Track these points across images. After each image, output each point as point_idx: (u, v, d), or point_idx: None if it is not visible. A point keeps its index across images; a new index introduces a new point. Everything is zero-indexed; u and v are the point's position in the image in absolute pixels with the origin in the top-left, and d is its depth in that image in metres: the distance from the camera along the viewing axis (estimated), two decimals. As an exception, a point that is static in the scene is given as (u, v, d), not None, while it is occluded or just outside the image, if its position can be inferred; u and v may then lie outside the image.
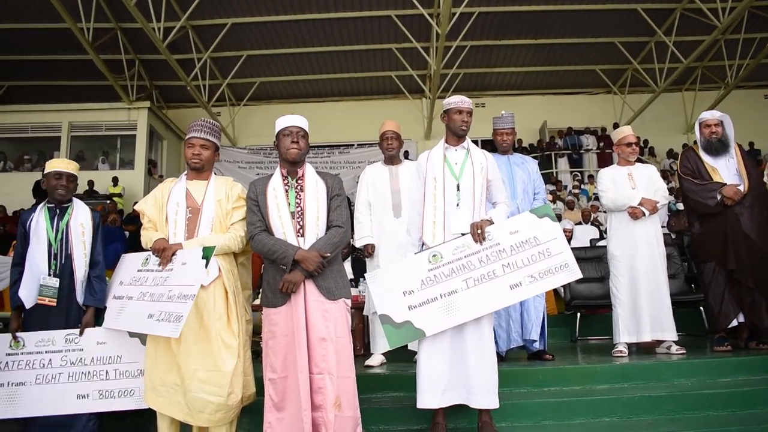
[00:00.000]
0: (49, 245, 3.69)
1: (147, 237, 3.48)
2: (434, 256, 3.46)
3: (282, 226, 3.24)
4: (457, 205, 3.52)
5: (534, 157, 5.39)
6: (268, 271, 3.32)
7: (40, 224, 3.72)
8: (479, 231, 3.43)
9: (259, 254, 3.34)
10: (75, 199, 3.90)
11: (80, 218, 3.81)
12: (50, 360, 3.56)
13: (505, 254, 3.45)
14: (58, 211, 3.80)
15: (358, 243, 4.97)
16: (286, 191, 3.32)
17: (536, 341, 4.80)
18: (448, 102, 3.68)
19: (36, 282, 3.61)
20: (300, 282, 3.16)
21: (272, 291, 3.25)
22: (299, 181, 3.37)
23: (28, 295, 3.60)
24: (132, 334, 3.60)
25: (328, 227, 3.32)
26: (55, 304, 3.63)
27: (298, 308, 3.16)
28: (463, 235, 3.49)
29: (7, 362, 3.53)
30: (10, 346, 3.55)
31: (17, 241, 3.79)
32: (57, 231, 3.74)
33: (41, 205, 3.83)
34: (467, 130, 3.65)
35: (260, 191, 3.34)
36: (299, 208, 3.29)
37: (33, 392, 3.51)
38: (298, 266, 3.16)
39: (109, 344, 3.62)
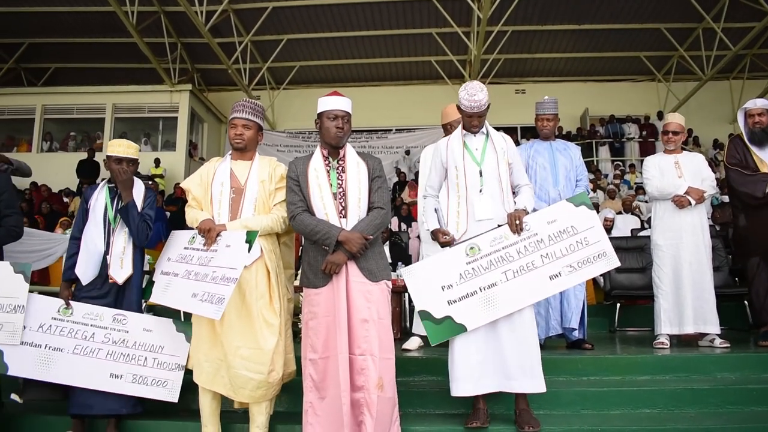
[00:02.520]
0: (108, 224, 3.73)
1: (192, 216, 3.51)
2: (471, 248, 3.41)
3: (324, 207, 3.24)
4: (480, 191, 3.47)
5: (576, 145, 5.28)
6: (309, 251, 3.33)
7: (99, 203, 3.77)
8: (517, 221, 3.39)
9: (299, 234, 3.35)
10: (137, 180, 3.92)
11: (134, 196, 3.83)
12: (93, 334, 3.62)
13: (543, 244, 3.41)
14: (118, 191, 3.82)
15: (427, 227, 4.86)
16: (328, 172, 3.31)
17: (576, 330, 4.75)
18: (461, 99, 3.50)
19: (92, 259, 3.65)
20: (343, 263, 3.17)
21: (313, 272, 3.25)
22: (340, 162, 3.35)
23: (84, 272, 3.64)
24: (179, 329, 3.67)
25: (369, 209, 3.31)
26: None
27: (339, 289, 3.16)
28: (499, 226, 3.44)
29: (50, 325, 3.60)
30: (59, 311, 3.61)
31: (78, 215, 3.84)
32: (116, 211, 3.77)
33: (103, 183, 3.88)
34: (477, 131, 3.58)
35: (301, 171, 3.33)
36: (341, 189, 3.28)
37: (68, 360, 3.57)
38: (341, 247, 3.15)
39: (154, 333, 3.69)
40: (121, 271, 3.73)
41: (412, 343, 4.88)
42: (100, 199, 3.79)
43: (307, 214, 3.27)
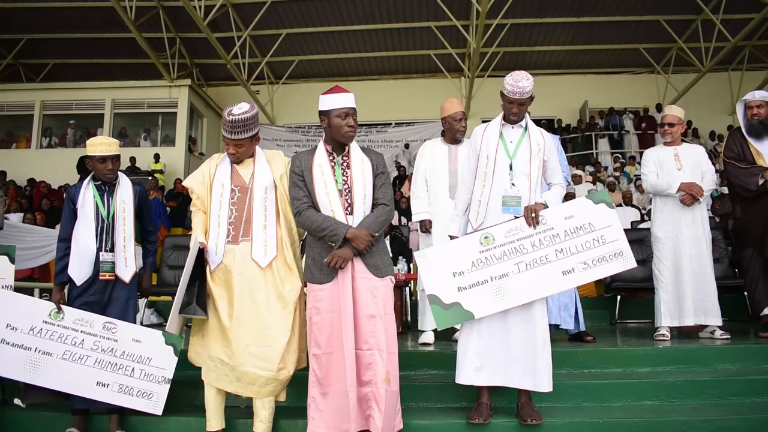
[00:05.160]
0: (101, 221, 3.71)
1: (195, 223, 3.51)
2: (486, 237, 3.41)
3: (330, 204, 3.23)
4: (513, 184, 3.45)
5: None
6: (313, 247, 3.31)
7: (87, 200, 3.73)
8: (533, 215, 3.37)
9: (305, 230, 3.34)
10: (120, 175, 3.89)
11: (124, 194, 3.81)
12: (83, 340, 3.60)
13: (558, 239, 3.40)
14: (106, 188, 3.80)
15: (416, 218, 4.95)
16: (333, 168, 3.30)
17: (559, 325, 4.77)
18: (504, 85, 3.45)
19: (85, 259, 3.63)
20: (349, 258, 3.17)
21: (318, 268, 3.25)
22: (345, 158, 3.34)
23: (78, 273, 3.62)
24: (168, 342, 3.63)
25: (374, 205, 3.31)
26: (114, 278, 3.70)
27: (345, 285, 3.18)
28: (516, 217, 3.43)
29: (41, 329, 3.58)
30: (50, 315, 3.59)
31: (64, 216, 3.78)
32: (108, 207, 3.75)
33: (87, 181, 3.82)
34: (517, 120, 3.52)
35: (305, 166, 3.31)
36: (346, 186, 3.28)
37: (57, 365, 3.56)
38: (347, 244, 3.16)
39: (143, 344, 3.65)
40: (126, 269, 3.74)
41: (429, 337, 4.88)
42: (88, 197, 3.75)
43: (313, 210, 3.26)
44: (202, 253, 3.34)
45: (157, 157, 15.11)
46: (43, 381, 3.56)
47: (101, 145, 3.74)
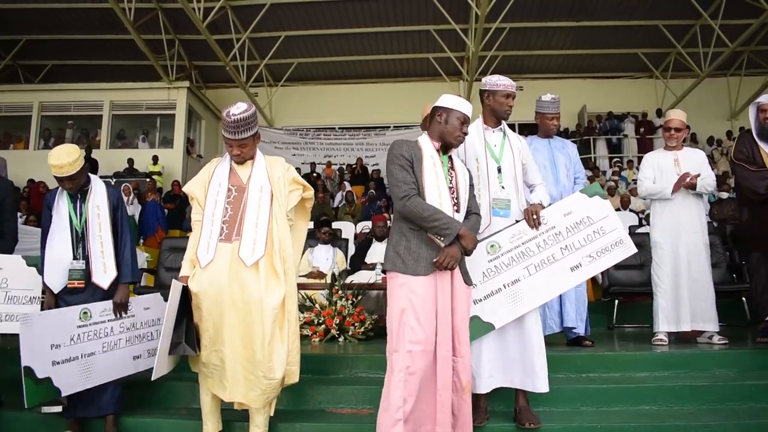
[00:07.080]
0: (74, 229, 3.66)
1: (190, 239, 3.45)
2: (492, 246, 3.40)
3: (439, 197, 3.08)
4: (502, 187, 3.46)
5: (573, 142, 5.27)
6: (410, 238, 3.09)
7: (61, 208, 3.68)
8: (534, 216, 3.39)
9: (409, 217, 3.09)
10: (93, 179, 3.80)
11: (97, 200, 3.74)
12: (111, 328, 3.67)
13: (561, 237, 3.44)
14: (79, 195, 3.72)
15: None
16: (442, 163, 3.21)
17: (575, 328, 4.75)
18: (495, 83, 3.53)
19: (58, 266, 3.61)
20: (458, 259, 3.04)
21: (414, 258, 3.04)
22: (450, 160, 3.27)
23: (53, 281, 3.62)
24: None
25: (467, 213, 3.23)
26: (84, 285, 3.63)
27: (445, 284, 3.05)
28: (517, 222, 3.44)
29: (78, 335, 3.51)
30: (80, 317, 3.53)
31: (44, 222, 3.73)
32: (80, 215, 3.69)
33: (61, 188, 3.73)
34: (508, 117, 3.57)
35: (416, 155, 3.17)
36: (452, 185, 3.18)
37: (102, 360, 3.58)
38: (456, 242, 3.02)
39: (152, 309, 3.90)
40: (104, 275, 3.67)
41: None
42: (62, 205, 3.69)
43: (420, 198, 3.09)
44: (186, 290, 3.24)
45: (155, 159, 15.07)
46: (97, 380, 3.57)
47: (53, 166, 3.53)
